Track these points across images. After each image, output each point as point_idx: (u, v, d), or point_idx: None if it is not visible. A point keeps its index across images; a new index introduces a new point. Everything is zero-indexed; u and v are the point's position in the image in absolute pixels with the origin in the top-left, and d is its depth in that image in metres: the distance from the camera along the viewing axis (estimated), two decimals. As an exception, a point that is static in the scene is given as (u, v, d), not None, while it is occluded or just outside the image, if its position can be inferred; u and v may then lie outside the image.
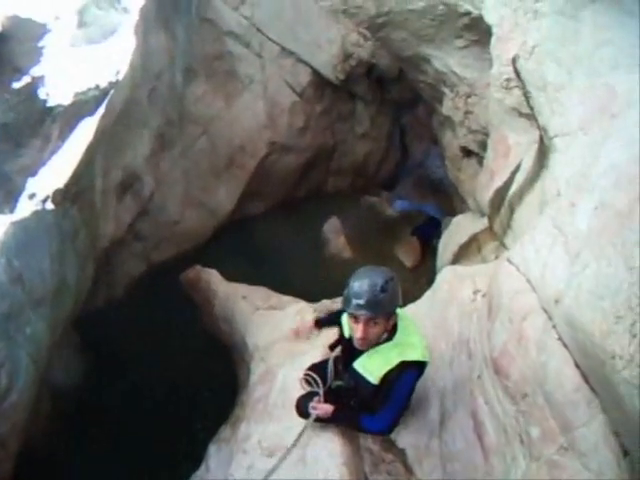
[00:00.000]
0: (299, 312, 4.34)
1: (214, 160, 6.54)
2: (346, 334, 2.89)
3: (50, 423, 4.23)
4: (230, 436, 3.64)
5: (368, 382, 2.71)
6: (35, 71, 2.82)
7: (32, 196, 3.25)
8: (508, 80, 3.66)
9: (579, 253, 2.05)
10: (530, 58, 3.24)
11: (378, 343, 2.67)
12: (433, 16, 5.20)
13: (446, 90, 5.71)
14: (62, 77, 3.02)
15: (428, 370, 2.82)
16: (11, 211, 3.11)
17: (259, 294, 5.17)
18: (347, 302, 2.57)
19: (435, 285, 3.77)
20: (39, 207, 3.30)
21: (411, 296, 5.33)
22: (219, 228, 6.70)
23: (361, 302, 2.48)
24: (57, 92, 2.99)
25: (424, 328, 3.16)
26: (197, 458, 3.75)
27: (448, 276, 3.65)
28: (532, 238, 2.58)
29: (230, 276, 5.57)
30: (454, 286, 3.46)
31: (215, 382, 4.89)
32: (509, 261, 2.73)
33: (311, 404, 2.89)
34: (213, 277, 5.58)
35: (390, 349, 2.67)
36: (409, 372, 2.65)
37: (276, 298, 5.07)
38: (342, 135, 7.47)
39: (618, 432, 1.82)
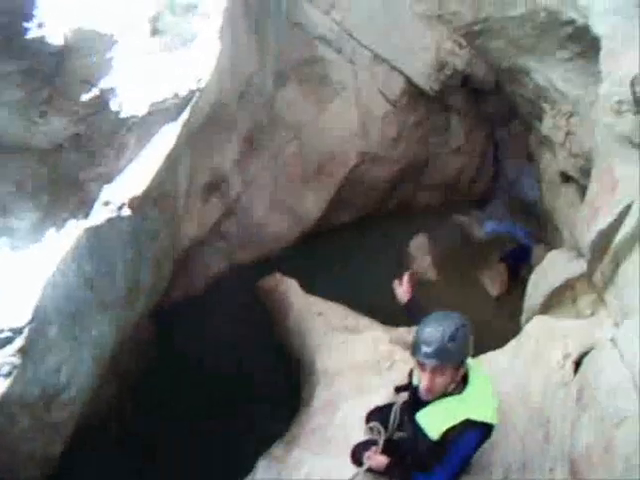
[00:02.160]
0: (374, 341, 4.27)
1: (303, 166, 6.43)
2: (414, 381, 2.73)
3: (112, 403, 4.43)
4: (282, 455, 3.60)
5: (427, 437, 2.52)
6: (105, 83, 2.77)
7: (107, 203, 3.24)
8: (620, 103, 3.15)
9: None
10: (654, 83, 2.77)
11: (444, 395, 2.49)
12: (534, 24, 4.74)
13: (546, 107, 5.21)
14: (135, 88, 2.96)
15: (497, 435, 2.58)
16: (85, 218, 3.10)
17: (336, 312, 5.07)
18: (415, 349, 2.46)
19: (522, 336, 3.44)
20: (114, 214, 3.29)
21: (492, 327, 5.05)
22: (304, 234, 6.63)
23: (429, 350, 2.37)
24: (130, 103, 2.94)
25: (502, 385, 2.94)
26: (245, 467, 3.72)
27: (537, 329, 3.31)
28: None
29: (308, 285, 5.53)
30: (543, 343, 3.12)
31: (278, 393, 4.85)
32: (613, 342, 2.32)
33: (367, 453, 2.80)
34: (291, 288, 5.53)
35: (457, 403, 2.48)
36: (473, 432, 2.44)
37: (353, 319, 4.96)
38: (435, 148, 7.10)
39: None
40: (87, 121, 2.79)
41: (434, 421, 2.51)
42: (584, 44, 4.24)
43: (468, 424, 2.42)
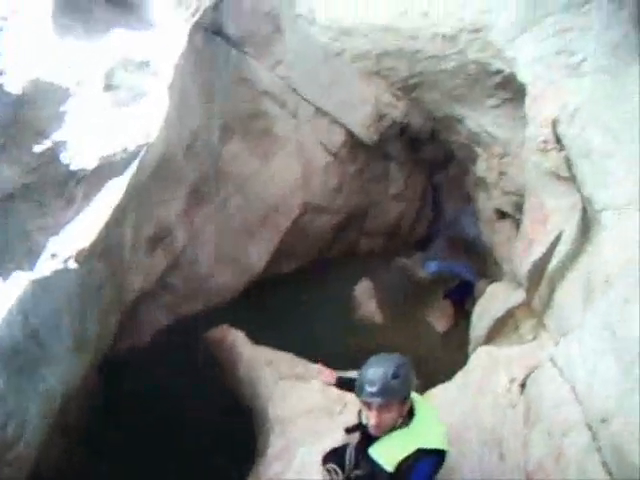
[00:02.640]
0: (324, 386, 4.19)
1: (248, 218, 6.53)
2: (363, 420, 2.81)
3: (61, 456, 4.21)
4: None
5: (383, 470, 2.58)
6: (58, 135, 2.80)
7: (54, 255, 3.20)
8: (545, 142, 3.45)
9: (633, 366, 1.79)
10: (572, 122, 3.06)
11: (393, 429, 2.60)
12: (465, 75, 5.02)
13: (479, 150, 5.55)
14: (86, 141, 3.01)
15: (454, 461, 2.70)
16: (31, 269, 3.05)
17: (285, 360, 5.11)
18: (360, 389, 2.58)
19: (468, 367, 3.56)
20: (61, 266, 3.25)
21: (441, 362, 5.16)
22: (250, 285, 6.65)
23: (373, 389, 2.51)
24: (81, 156, 2.98)
25: (453, 415, 3.05)
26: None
27: (482, 359, 3.44)
28: (579, 338, 2.34)
29: (256, 335, 5.53)
30: (488, 371, 3.25)
31: (231, 444, 4.71)
32: (552, 362, 2.48)
33: None
34: (239, 339, 5.53)
35: (406, 435, 2.59)
36: (427, 460, 2.51)
37: (302, 366, 4.99)
38: (376, 196, 7.35)
39: None
40: (38, 172, 2.79)
41: (387, 453, 2.59)
42: (511, 91, 4.56)
43: (420, 453, 2.49)
